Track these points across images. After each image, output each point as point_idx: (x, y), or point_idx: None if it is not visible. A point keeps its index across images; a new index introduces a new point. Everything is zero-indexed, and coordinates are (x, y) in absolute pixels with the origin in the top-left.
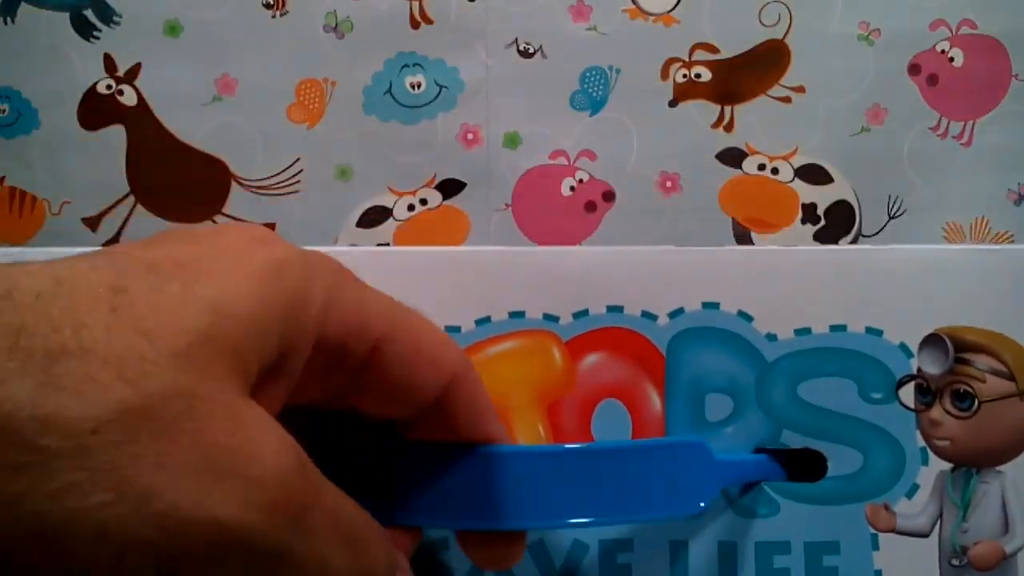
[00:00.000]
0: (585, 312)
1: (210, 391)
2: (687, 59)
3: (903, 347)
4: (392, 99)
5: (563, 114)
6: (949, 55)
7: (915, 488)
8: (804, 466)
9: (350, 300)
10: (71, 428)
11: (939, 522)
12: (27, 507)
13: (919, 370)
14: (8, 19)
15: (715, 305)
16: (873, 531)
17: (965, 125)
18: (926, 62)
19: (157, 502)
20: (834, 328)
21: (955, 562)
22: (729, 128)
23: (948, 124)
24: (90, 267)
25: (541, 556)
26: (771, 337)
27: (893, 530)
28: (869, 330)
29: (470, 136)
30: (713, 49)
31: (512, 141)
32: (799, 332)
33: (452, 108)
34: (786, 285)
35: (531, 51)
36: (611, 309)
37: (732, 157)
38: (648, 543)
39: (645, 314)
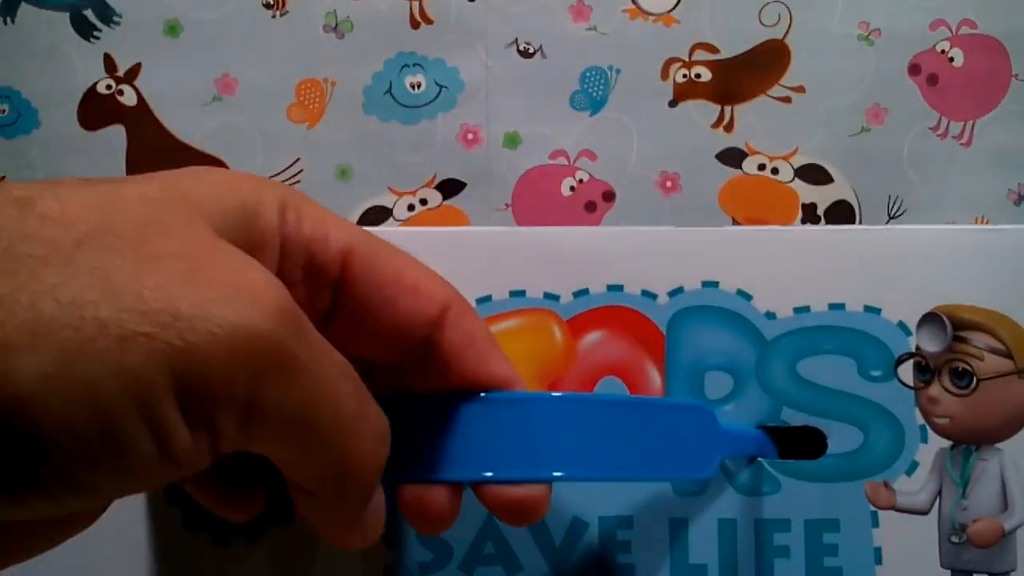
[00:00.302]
0: (585, 291)
1: (182, 224)
2: (687, 59)
3: (901, 325)
4: (392, 99)
5: (563, 114)
6: (949, 55)
7: (914, 465)
8: (804, 443)
9: (308, 211)
10: (54, 241)
11: (938, 499)
12: (22, 301)
13: (918, 348)
14: (8, 19)
15: (714, 284)
16: (873, 508)
17: (965, 125)
18: (926, 62)
19: (151, 301)
20: (833, 306)
21: (954, 539)
22: (729, 128)
23: (948, 124)
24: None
25: (541, 533)
26: (770, 315)
27: (893, 507)
28: (868, 308)
29: (470, 136)
30: (713, 49)
31: (512, 141)
32: (798, 310)
33: (452, 108)
34: (785, 264)
35: (531, 51)
36: (611, 288)
37: (732, 157)
38: (648, 520)
39: (645, 293)
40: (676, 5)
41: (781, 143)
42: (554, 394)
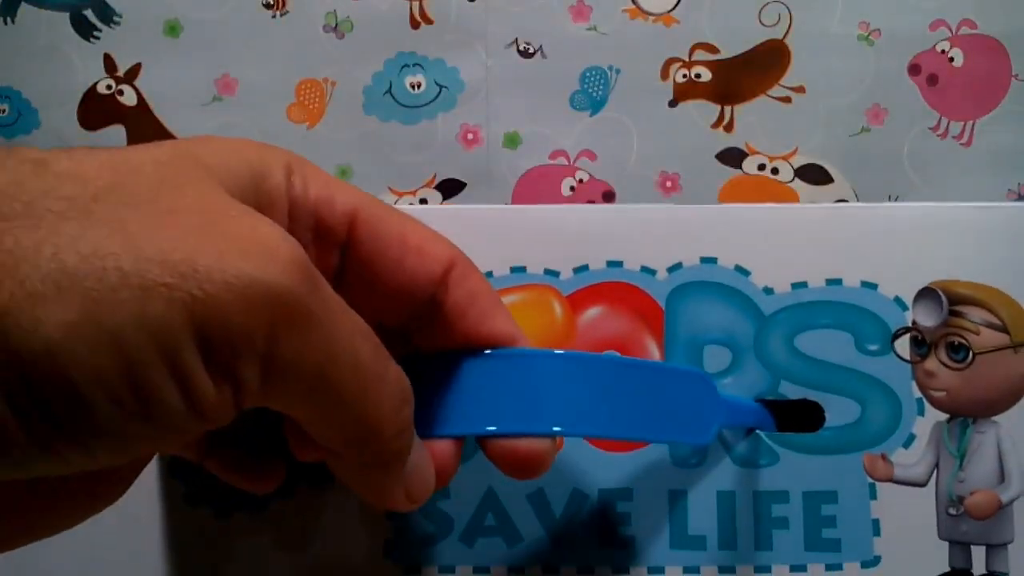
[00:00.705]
0: (585, 267)
1: (194, 183)
2: (687, 59)
3: (898, 300)
4: (392, 99)
5: (563, 114)
6: (949, 55)
7: (912, 438)
8: (802, 417)
9: (312, 175)
10: (72, 197)
11: (936, 472)
12: (45, 253)
13: (914, 322)
14: (8, 19)
15: (712, 260)
16: (871, 480)
17: (965, 125)
18: (926, 62)
19: (169, 252)
20: (830, 282)
21: (952, 511)
22: (729, 128)
23: (948, 124)
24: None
25: (541, 505)
26: (768, 291)
27: (890, 479)
28: (864, 284)
29: (470, 136)
30: (713, 49)
31: (512, 141)
32: (796, 286)
33: (452, 108)
34: (783, 241)
35: (531, 51)
36: (611, 264)
37: (732, 157)
38: (647, 492)
39: (644, 269)
40: (676, 5)
41: (781, 143)
42: (556, 351)
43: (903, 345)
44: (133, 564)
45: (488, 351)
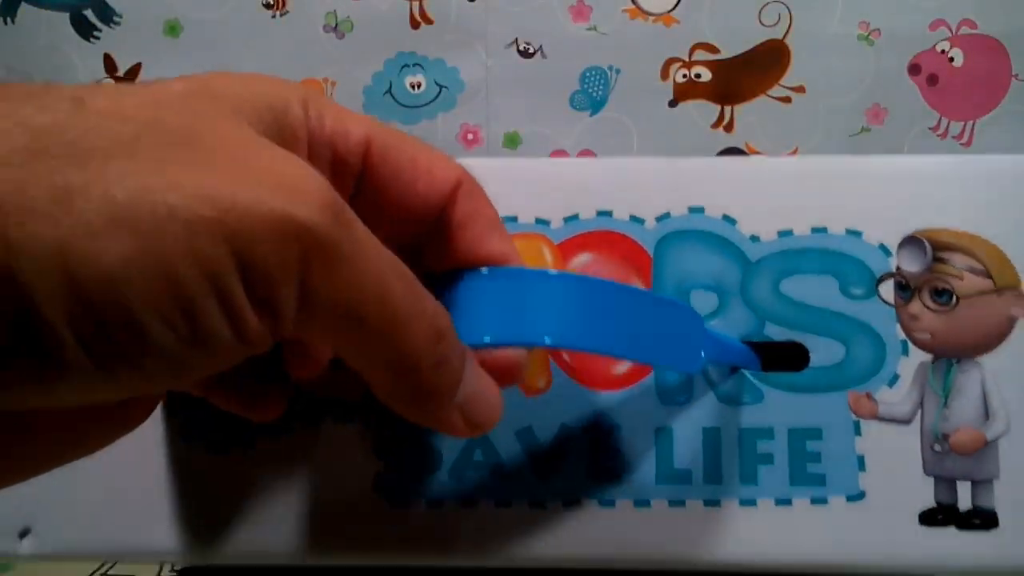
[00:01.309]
0: (575, 217)
1: (225, 122)
2: (687, 59)
3: (882, 247)
4: (392, 99)
5: (563, 114)
6: (949, 55)
7: (896, 378)
8: (787, 358)
9: (327, 107)
10: (115, 134)
11: (921, 410)
12: (96, 190)
13: (898, 268)
14: (8, 19)
15: (700, 209)
16: (855, 418)
17: (965, 125)
18: (926, 62)
19: (210, 189)
20: (815, 230)
21: (937, 448)
22: (729, 128)
23: (948, 124)
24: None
25: (529, 441)
26: (754, 238)
27: (875, 417)
28: (849, 231)
29: (470, 136)
30: (713, 49)
31: (512, 141)
32: (782, 234)
33: (452, 108)
34: (770, 192)
35: (531, 51)
36: (600, 214)
37: None
38: (634, 429)
39: (633, 218)
40: (676, 5)
41: (781, 143)
42: (550, 271)
43: (887, 289)
44: (123, 499)
45: (483, 270)
